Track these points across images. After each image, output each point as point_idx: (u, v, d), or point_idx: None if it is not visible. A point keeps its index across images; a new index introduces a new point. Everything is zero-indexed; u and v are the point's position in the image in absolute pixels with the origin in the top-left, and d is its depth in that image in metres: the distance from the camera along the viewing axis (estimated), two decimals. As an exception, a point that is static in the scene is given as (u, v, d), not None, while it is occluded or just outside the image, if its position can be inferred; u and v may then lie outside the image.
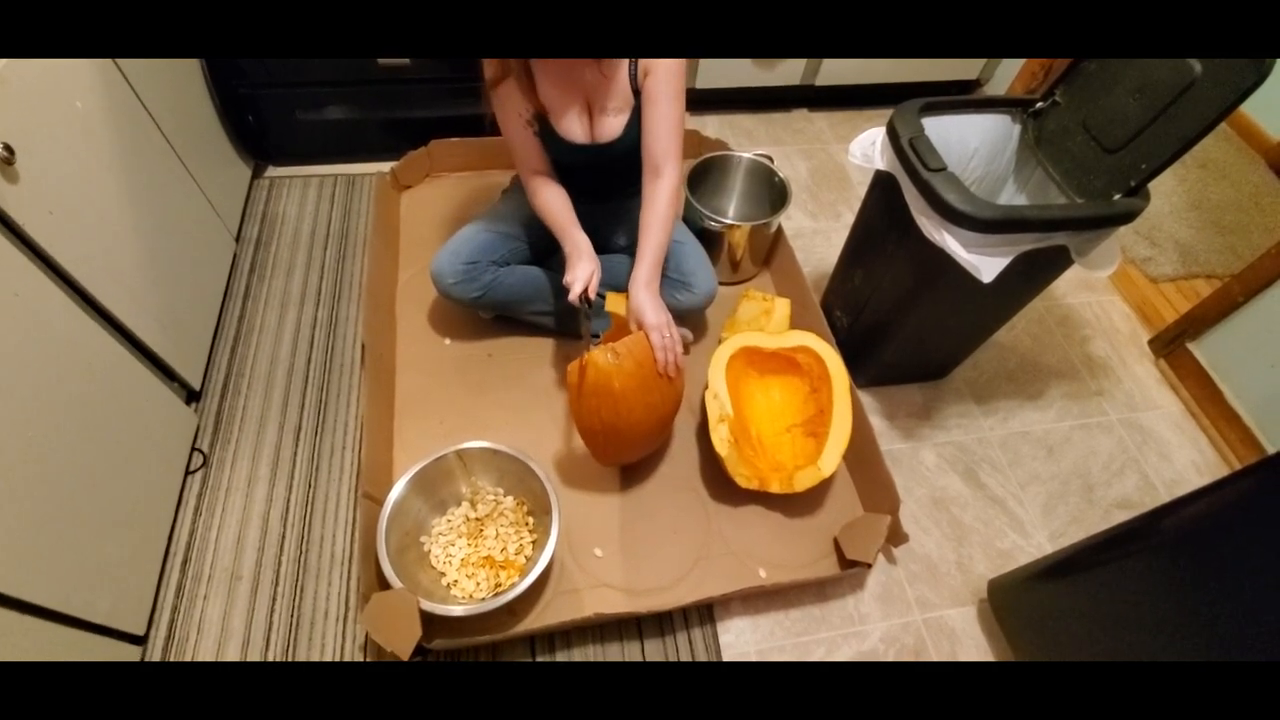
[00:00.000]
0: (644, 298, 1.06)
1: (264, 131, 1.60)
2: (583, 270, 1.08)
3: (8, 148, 0.79)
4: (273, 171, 1.68)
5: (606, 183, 1.26)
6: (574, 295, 1.07)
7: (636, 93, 1.08)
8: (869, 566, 1.13)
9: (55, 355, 0.88)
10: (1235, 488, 0.78)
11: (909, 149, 1.02)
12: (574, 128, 1.12)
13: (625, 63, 1.06)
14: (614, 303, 1.15)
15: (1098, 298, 1.66)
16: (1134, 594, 0.87)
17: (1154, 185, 0.99)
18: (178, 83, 1.33)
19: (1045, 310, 1.62)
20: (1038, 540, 1.26)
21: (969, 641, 1.14)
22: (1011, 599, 1.09)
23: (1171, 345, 1.51)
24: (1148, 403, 1.48)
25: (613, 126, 1.11)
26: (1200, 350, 1.46)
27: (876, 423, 1.38)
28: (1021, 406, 1.45)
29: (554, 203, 1.15)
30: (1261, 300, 1.34)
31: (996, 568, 1.18)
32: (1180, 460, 1.40)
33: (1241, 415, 1.37)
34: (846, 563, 1.14)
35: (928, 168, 0.99)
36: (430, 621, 0.96)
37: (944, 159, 1.00)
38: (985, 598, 1.15)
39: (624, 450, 1.14)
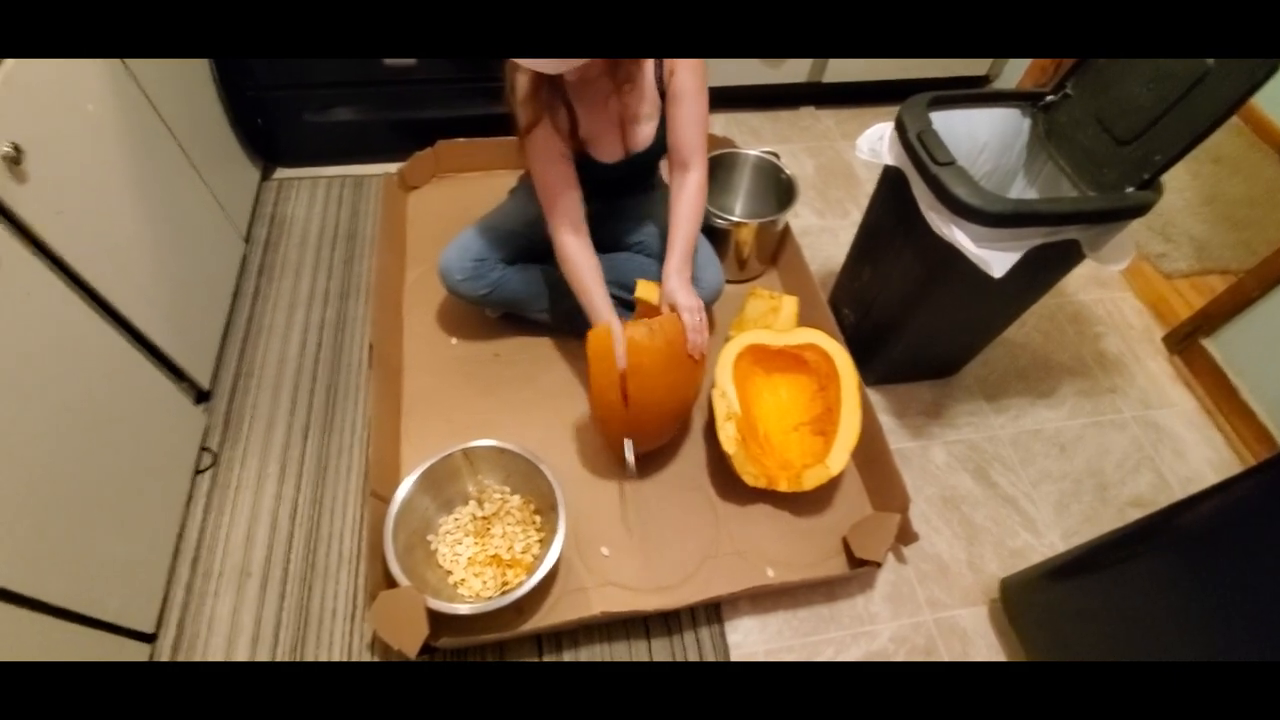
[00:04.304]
0: (677, 283, 1.07)
1: (273, 133, 1.61)
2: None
3: (16, 148, 0.80)
4: (281, 173, 1.69)
5: (627, 184, 1.26)
6: None
7: (663, 94, 1.09)
8: (878, 566, 1.11)
9: (66, 354, 0.89)
10: (1251, 482, 0.76)
11: (917, 143, 1.01)
12: (611, 149, 1.13)
13: (650, 69, 1.06)
14: (644, 289, 1.16)
15: (1110, 294, 1.64)
16: (1149, 593, 0.86)
17: (1167, 180, 0.98)
18: (188, 86, 1.34)
19: (1057, 307, 1.60)
20: (1050, 539, 1.25)
21: (980, 642, 1.13)
22: (1024, 598, 1.08)
23: (1185, 341, 1.49)
24: (1162, 400, 1.46)
25: (645, 135, 1.13)
26: (1215, 346, 1.44)
27: (886, 421, 1.37)
28: (1033, 404, 1.43)
29: (582, 265, 1.10)
30: (1276, 295, 1.31)
31: (1008, 567, 1.17)
32: (1195, 458, 1.38)
33: (1256, 412, 1.35)
34: (855, 562, 1.13)
35: (936, 161, 0.98)
36: (437, 620, 0.96)
37: (953, 153, 0.99)
38: (997, 597, 1.14)
39: (638, 432, 1.11)
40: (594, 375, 1.05)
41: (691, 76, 1.06)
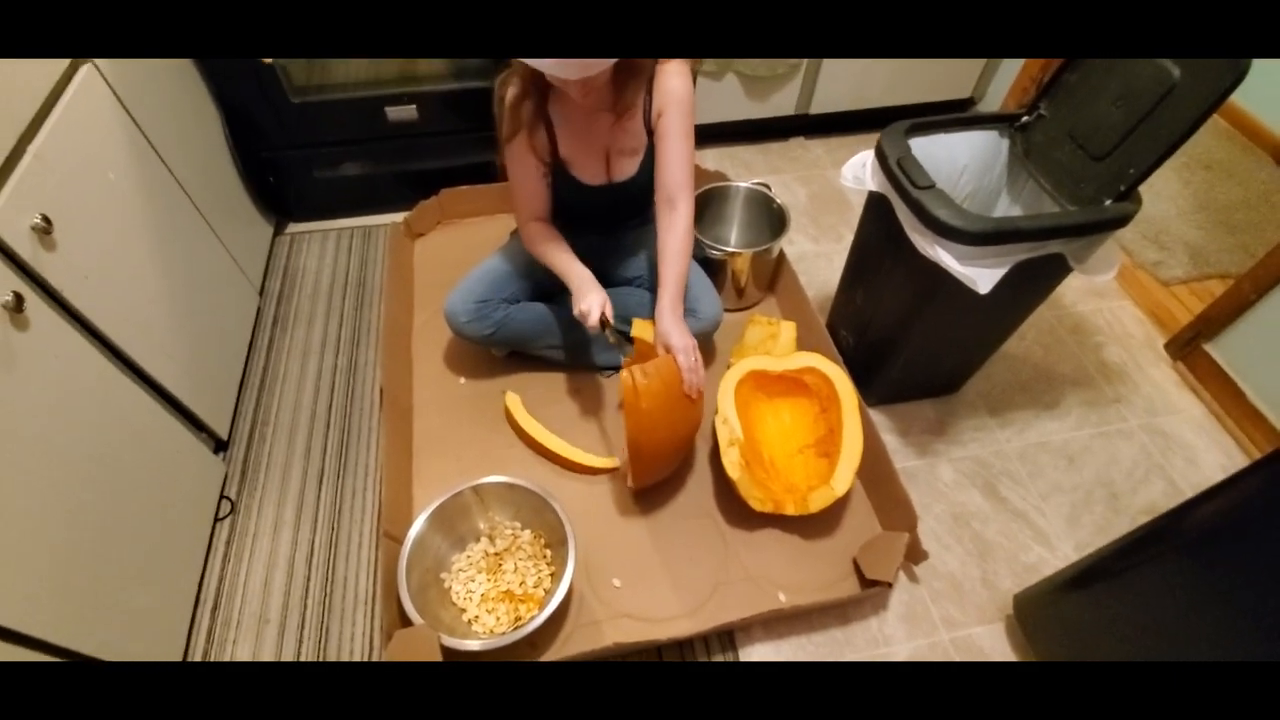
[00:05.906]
0: (670, 323, 1.09)
1: (284, 191, 1.68)
2: (594, 298, 1.12)
3: (46, 219, 0.86)
4: (293, 228, 1.76)
5: (615, 217, 1.31)
6: (593, 321, 1.11)
7: (650, 132, 1.14)
8: (890, 586, 1.11)
9: (92, 411, 0.93)
10: (1260, 476, 0.76)
11: (897, 169, 1.04)
12: (593, 172, 1.18)
13: (640, 107, 1.11)
14: (641, 329, 1.19)
15: (1109, 304, 1.65)
16: (1165, 596, 0.85)
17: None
18: (203, 150, 1.41)
19: (1055, 319, 1.61)
20: (1063, 552, 1.24)
21: (999, 659, 1.12)
22: (1039, 612, 1.07)
23: (1188, 347, 1.50)
24: (1168, 407, 1.46)
25: (628, 166, 1.18)
26: (1217, 351, 1.44)
27: (890, 440, 1.38)
28: (1038, 417, 1.43)
29: (551, 242, 1.21)
30: (1274, 296, 1.32)
31: (1023, 582, 1.16)
32: (1207, 463, 1.37)
33: (1265, 414, 1.35)
34: (867, 583, 1.13)
35: (916, 185, 1.01)
36: (452, 657, 0.97)
37: (933, 177, 1.03)
38: (1013, 614, 1.13)
39: (645, 470, 1.15)
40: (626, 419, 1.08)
41: (679, 117, 1.11)
